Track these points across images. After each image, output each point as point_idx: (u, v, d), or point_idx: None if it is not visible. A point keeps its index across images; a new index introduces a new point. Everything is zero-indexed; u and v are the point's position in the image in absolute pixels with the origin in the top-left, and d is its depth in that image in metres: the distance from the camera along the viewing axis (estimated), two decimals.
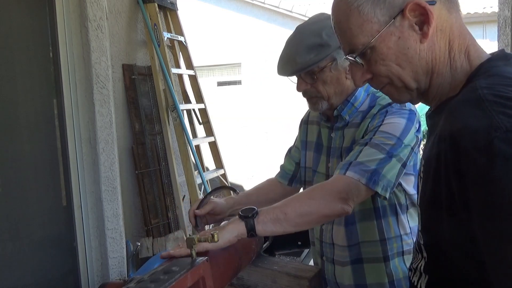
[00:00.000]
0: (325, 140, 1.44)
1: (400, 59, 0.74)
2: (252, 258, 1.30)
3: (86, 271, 2.46)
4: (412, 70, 0.75)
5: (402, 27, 0.73)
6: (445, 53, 0.74)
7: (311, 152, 1.50)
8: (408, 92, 0.79)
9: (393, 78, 0.77)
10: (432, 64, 0.74)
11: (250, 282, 1.27)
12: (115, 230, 2.50)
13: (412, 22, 0.72)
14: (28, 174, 2.26)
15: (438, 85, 0.76)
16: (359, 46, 0.76)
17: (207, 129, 3.67)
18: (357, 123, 1.33)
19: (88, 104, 2.41)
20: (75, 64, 2.37)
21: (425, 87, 0.77)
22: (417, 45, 0.73)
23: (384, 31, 0.73)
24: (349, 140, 1.34)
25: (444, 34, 0.74)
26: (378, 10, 0.73)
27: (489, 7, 7.82)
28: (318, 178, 1.44)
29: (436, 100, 0.79)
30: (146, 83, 3.16)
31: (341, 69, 1.29)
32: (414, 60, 0.74)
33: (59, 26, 2.31)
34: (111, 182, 2.48)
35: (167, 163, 3.19)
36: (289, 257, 3.48)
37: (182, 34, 3.51)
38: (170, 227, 3.15)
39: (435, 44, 0.73)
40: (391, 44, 0.74)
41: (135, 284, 0.76)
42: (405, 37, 0.73)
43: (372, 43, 0.74)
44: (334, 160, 1.38)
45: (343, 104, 1.34)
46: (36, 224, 2.30)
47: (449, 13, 0.74)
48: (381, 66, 0.76)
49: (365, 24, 0.74)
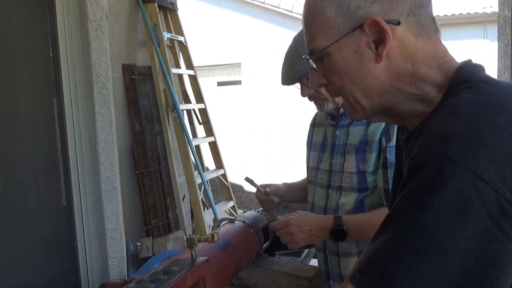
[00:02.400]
0: (329, 138, 1.50)
1: (353, 74, 0.71)
2: (252, 258, 1.30)
3: (86, 271, 2.46)
4: (363, 88, 0.71)
5: (360, 42, 0.69)
6: (407, 75, 0.70)
7: (316, 152, 1.56)
8: (362, 110, 0.75)
9: (345, 93, 0.74)
10: (388, 84, 0.70)
11: (250, 282, 1.27)
12: (115, 230, 2.50)
13: (370, 39, 0.68)
14: (28, 174, 2.26)
15: (400, 103, 0.72)
16: (317, 49, 0.73)
17: (207, 129, 3.68)
18: (365, 122, 1.38)
19: (88, 104, 2.41)
20: (75, 64, 2.37)
21: (381, 107, 0.73)
22: (372, 63, 0.69)
23: (342, 41, 0.70)
24: (357, 138, 1.39)
25: (406, 57, 0.69)
26: (340, 18, 0.70)
27: (489, 7, 7.81)
28: (321, 175, 1.50)
29: (409, 117, 0.74)
30: (146, 83, 3.16)
31: None
32: (366, 78, 0.70)
33: (59, 26, 2.31)
34: (111, 182, 2.48)
35: (167, 163, 3.19)
36: (289, 257, 3.48)
37: (182, 34, 3.51)
38: (170, 227, 3.15)
39: (393, 65, 0.69)
40: (346, 56, 0.70)
41: (135, 284, 0.76)
42: (361, 53, 0.69)
43: (328, 50, 0.71)
44: (338, 156, 1.44)
45: None
46: (36, 224, 2.30)
47: (415, 38, 0.69)
48: (335, 76, 0.73)
49: (326, 28, 0.71)
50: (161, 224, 3.10)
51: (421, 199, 0.57)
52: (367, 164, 1.36)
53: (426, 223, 0.55)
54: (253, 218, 1.39)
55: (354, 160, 1.38)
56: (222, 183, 3.81)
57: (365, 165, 1.36)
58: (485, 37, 7.43)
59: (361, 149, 1.37)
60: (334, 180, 1.45)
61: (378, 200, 1.36)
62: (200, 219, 3.13)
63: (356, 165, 1.38)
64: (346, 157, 1.41)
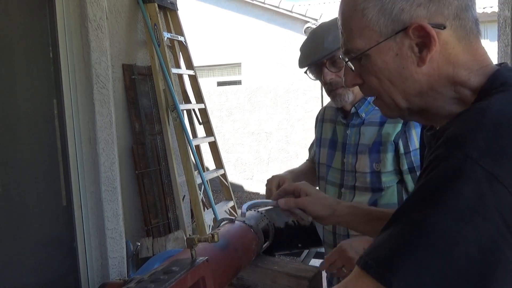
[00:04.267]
0: (340, 136, 1.49)
1: (393, 77, 0.70)
2: (252, 258, 1.30)
3: (86, 271, 2.46)
4: (403, 90, 0.71)
5: (402, 45, 0.68)
6: (448, 79, 0.69)
7: (325, 149, 1.55)
8: (397, 110, 0.75)
9: (382, 94, 0.73)
10: (428, 87, 0.70)
11: (250, 282, 1.27)
12: (115, 230, 2.50)
13: (413, 42, 0.67)
14: (28, 174, 2.26)
15: (438, 107, 0.72)
16: (355, 50, 0.72)
17: (207, 129, 3.68)
18: (377, 122, 1.38)
19: (88, 104, 2.41)
20: (75, 64, 2.37)
21: (418, 108, 0.73)
22: (413, 67, 0.68)
23: (383, 44, 0.69)
24: (370, 138, 1.38)
25: (448, 61, 0.68)
26: (382, 20, 0.68)
27: (489, 7, 7.82)
28: (333, 173, 1.50)
29: (443, 118, 0.73)
30: (146, 83, 3.16)
31: None
32: (407, 82, 0.69)
33: (59, 26, 2.31)
34: (111, 182, 2.48)
35: (167, 163, 3.19)
36: (289, 257, 3.48)
37: (182, 34, 3.51)
38: (170, 227, 3.15)
39: (435, 69, 0.68)
40: (387, 58, 0.69)
41: (135, 284, 0.76)
42: (403, 56, 0.68)
43: (368, 51, 0.70)
44: (350, 156, 1.43)
45: (361, 102, 1.40)
46: (36, 224, 2.30)
47: (458, 41, 0.68)
48: (373, 77, 0.72)
49: (366, 29, 0.69)
50: (161, 224, 3.10)
51: (436, 194, 0.57)
52: (382, 164, 1.35)
53: (438, 218, 0.56)
54: (253, 218, 1.38)
55: (368, 160, 1.37)
56: (222, 183, 3.81)
57: (379, 165, 1.36)
58: (485, 37, 7.42)
59: (375, 149, 1.37)
60: (347, 179, 1.44)
61: (392, 200, 1.36)
62: (200, 219, 3.13)
63: (370, 165, 1.37)
64: (359, 157, 1.40)
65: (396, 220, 0.61)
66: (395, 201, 1.36)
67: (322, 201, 1.11)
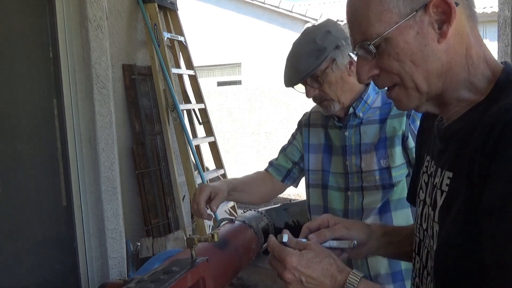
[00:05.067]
0: (337, 140, 1.46)
1: (415, 56, 0.71)
2: (252, 258, 1.30)
3: (86, 271, 2.46)
4: (426, 70, 0.72)
5: (422, 23, 0.70)
6: (462, 58, 0.72)
7: (319, 155, 1.51)
8: (417, 96, 0.75)
9: (404, 76, 0.73)
10: (447, 67, 0.72)
11: (250, 282, 1.27)
12: (115, 230, 2.50)
13: (433, 19, 0.70)
14: (28, 174, 2.26)
15: (453, 90, 0.74)
16: (373, 35, 0.73)
17: (207, 129, 3.68)
18: (377, 120, 1.38)
19: (88, 104, 2.41)
20: (75, 64, 2.37)
21: (436, 92, 0.74)
22: (434, 44, 0.70)
23: (403, 23, 0.70)
24: (373, 136, 1.38)
25: (462, 38, 0.71)
26: (401, 1, 0.70)
27: (489, 7, 7.82)
28: (336, 178, 1.46)
29: (453, 105, 0.76)
30: (146, 83, 3.16)
31: (342, 67, 1.35)
32: (429, 59, 0.71)
33: (59, 26, 2.31)
34: (111, 182, 2.48)
35: (167, 163, 3.19)
36: None
37: (182, 34, 3.51)
38: (170, 227, 3.15)
39: (451, 47, 0.71)
40: (409, 38, 0.71)
41: (135, 284, 0.76)
42: (424, 34, 0.70)
43: (389, 34, 0.71)
44: (352, 157, 1.41)
45: (358, 101, 1.40)
46: (36, 224, 2.30)
47: (467, 20, 0.72)
48: (394, 61, 0.73)
49: (385, 13, 0.71)
50: (161, 224, 3.10)
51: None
52: (391, 160, 1.35)
53: None
54: (253, 218, 1.39)
55: (374, 158, 1.37)
56: None
57: (387, 160, 1.35)
58: (484, 37, 7.43)
59: (381, 146, 1.36)
60: (353, 181, 1.42)
61: (403, 194, 1.33)
62: (200, 219, 3.13)
63: (377, 162, 1.36)
64: (363, 157, 1.39)
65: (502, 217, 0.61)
66: (405, 196, 1.35)
67: (357, 223, 1.02)
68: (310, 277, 0.77)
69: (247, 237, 1.27)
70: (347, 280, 0.75)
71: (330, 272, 0.77)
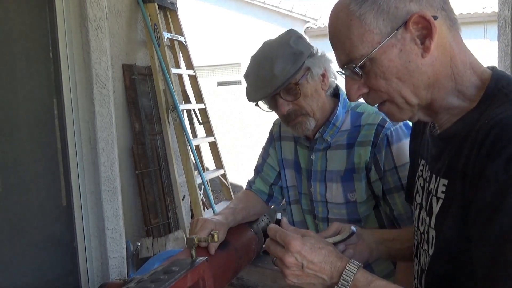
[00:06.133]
0: (303, 161, 1.36)
1: (401, 73, 0.72)
2: (252, 258, 1.30)
3: (86, 271, 2.46)
4: (413, 85, 0.73)
5: (404, 40, 0.71)
6: (447, 68, 0.73)
7: (292, 170, 1.41)
8: (409, 109, 0.76)
9: (393, 94, 0.75)
10: (434, 79, 0.73)
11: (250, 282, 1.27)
12: (115, 230, 2.50)
13: (414, 35, 0.71)
14: (28, 174, 2.26)
15: (441, 99, 0.75)
16: (358, 57, 0.73)
17: (207, 129, 3.68)
18: (344, 145, 1.27)
19: (88, 104, 2.41)
20: (75, 64, 2.37)
21: (427, 102, 0.75)
22: (418, 59, 0.71)
23: (385, 43, 0.71)
24: (340, 164, 1.27)
25: (445, 49, 0.73)
26: (380, 21, 0.71)
27: (489, 7, 7.82)
28: (305, 200, 1.38)
29: (443, 113, 0.77)
30: (146, 83, 3.16)
31: (316, 79, 1.23)
32: (415, 75, 0.72)
33: (59, 26, 2.31)
34: (111, 182, 2.48)
35: (167, 163, 3.18)
36: None
37: (182, 34, 3.51)
38: (170, 227, 3.15)
39: (436, 59, 0.72)
40: (392, 56, 0.72)
41: (135, 284, 0.76)
42: (406, 50, 0.71)
43: (372, 54, 0.72)
44: (317, 184, 1.31)
45: (325, 126, 1.28)
46: (36, 224, 2.30)
47: (449, 31, 0.73)
48: (381, 80, 0.74)
49: (367, 34, 0.72)
50: (161, 224, 3.10)
51: None
52: (358, 194, 1.24)
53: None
54: None
55: (341, 190, 1.26)
56: (222, 183, 3.81)
57: (354, 194, 1.25)
58: (485, 37, 7.43)
59: (348, 177, 1.25)
60: (318, 210, 1.33)
61: (373, 225, 1.28)
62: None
63: (344, 195, 1.26)
64: (328, 185, 1.29)
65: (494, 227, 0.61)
66: (377, 227, 1.28)
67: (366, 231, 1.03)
68: (312, 262, 0.78)
69: (247, 237, 1.27)
70: (346, 267, 0.77)
71: (330, 259, 0.79)
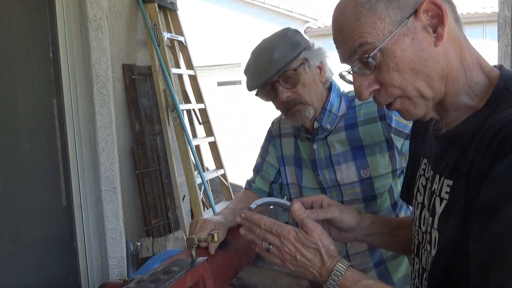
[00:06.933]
0: (305, 153, 1.37)
1: (414, 63, 0.70)
2: (252, 258, 1.30)
3: (86, 271, 2.46)
4: (427, 75, 0.71)
5: (415, 29, 0.70)
6: (458, 61, 0.72)
7: (292, 167, 1.42)
8: (424, 103, 0.74)
9: (407, 87, 0.72)
10: (447, 70, 0.71)
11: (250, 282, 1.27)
12: (115, 230, 2.50)
13: (425, 23, 0.70)
14: (28, 174, 2.26)
15: (454, 94, 0.73)
16: (370, 48, 0.71)
17: (207, 129, 3.68)
18: (342, 127, 1.29)
19: (88, 104, 2.41)
20: (75, 64, 2.37)
21: (441, 96, 0.73)
22: (431, 48, 0.70)
23: (397, 32, 0.69)
24: (341, 146, 1.29)
25: (454, 42, 0.71)
26: (391, 10, 0.70)
27: (489, 7, 7.82)
28: (309, 193, 1.38)
29: (452, 111, 0.75)
30: (146, 83, 3.16)
31: (314, 70, 1.26)
32: (428, 64, 0.70)
33: (59, 26, 2.31)
34: (111, 182, 2.48)
35: (167, 163, 3.19)
36: None
37: (182, 34, 3.51)
38: (170, 227, 3.15)
39: (447, 50, 0.70)
40: (405, 46, 0.70)
41: (135, 284, 0.76)
42: (418, 39, 0.70)
43: (384, 44, 0.70)
44: (325, 172, 1.32)
45: (322, 113, 1.29)
46: (36, 224, 2.30)
47: (456, 24, 0.72)
48: (394, 72, 0.71)
49: (378, 23, 0.70)
50: (161, 224, 3.10)
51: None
52: (373, 169, 1.26)
53: None
54: None
55: (353, 168, 1.27)
56: (222, 183, 3.81)
57: (368, 170, 1.26)
58: (484, 37, 7.42)
59: (360, 155, 1.27)
60: (331, 196, 1.32)
61: (386, 204, 1.29)
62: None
63: (357, 173, 1.27)
64: (337, 169, 1.30)
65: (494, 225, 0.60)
66: (388, 204, 1.29)
67: (349, 208, 1.01)
68: (304, 257, 0.82)
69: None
70: (335, 267, 0.79)
71: (321, 257, 0.82)
